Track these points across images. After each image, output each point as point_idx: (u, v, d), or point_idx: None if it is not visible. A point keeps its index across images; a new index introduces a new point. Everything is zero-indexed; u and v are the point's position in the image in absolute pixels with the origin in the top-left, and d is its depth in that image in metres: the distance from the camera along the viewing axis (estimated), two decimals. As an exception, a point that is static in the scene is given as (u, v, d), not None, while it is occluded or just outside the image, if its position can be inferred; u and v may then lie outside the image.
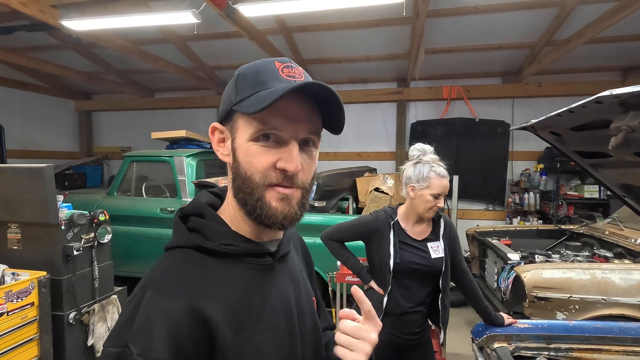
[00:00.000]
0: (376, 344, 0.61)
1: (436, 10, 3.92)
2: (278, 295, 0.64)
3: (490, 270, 3.53)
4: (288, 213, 0.59)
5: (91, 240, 2.30)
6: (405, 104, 5.65)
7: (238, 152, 0.60)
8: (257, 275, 0.62)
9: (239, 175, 0.59)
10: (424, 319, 1.68)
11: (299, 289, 0.70)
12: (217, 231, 0.62)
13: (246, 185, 0.59)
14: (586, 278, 2.45)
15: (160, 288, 0.54)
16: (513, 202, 5.16)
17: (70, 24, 3.23)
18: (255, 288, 0.61)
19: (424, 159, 1.60)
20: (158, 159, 4.13)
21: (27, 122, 6.20)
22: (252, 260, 0.63)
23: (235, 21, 3.21)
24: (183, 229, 0.62)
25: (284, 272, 0.68)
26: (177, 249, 0.61)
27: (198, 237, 0.60)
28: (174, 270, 0.57)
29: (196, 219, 0.63)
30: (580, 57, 4.62)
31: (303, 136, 0.59)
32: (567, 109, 1.09)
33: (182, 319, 0.51)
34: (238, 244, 0.61)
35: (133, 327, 0.51)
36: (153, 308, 0.52)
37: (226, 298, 0.57)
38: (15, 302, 1.88)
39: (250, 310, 0.59)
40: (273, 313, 0.62)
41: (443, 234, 1.69)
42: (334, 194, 4.20)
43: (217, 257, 0.60)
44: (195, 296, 0.54)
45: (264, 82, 0.57)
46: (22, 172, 2.07)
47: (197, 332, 0.52)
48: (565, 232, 3.82)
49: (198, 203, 0.67)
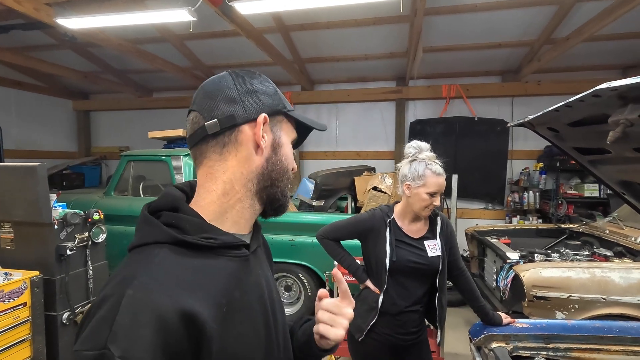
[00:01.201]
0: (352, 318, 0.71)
1: (434, 8, 3.90)
2: (254, 286, 0.67)
3: (489, 269, 3.50)
4: None
5: (85, 239, 2.28)
6: (404, 102, 5.63)
7: (282, 149, 0.70)
8: (235, 266, 0.63)
9: (279, 166, 0.69)
10: (420, 318, 1.66)
11: (268, 279, 0.73)
12: (195, 224, 0.61)
13: (286, 177, 0.70)
14: (586, 277, 2.43)
15: (143, 286, 0.52)
16: (512, 201, 5.13)
17: (65, 22, 3.21)
18: (235, 279, 0.62)
19: (419, 156, 1.58)
20: (155, 158, 4.10)
21: (24, 122, 6.18)
22: (230, 252, 0.63)
23: (232, 19, 3.18)
24: (158, 224, 0.60)
25: (256, 264, 0.70)
26: (152, 245, 0.59)
27: (176, 232, 0.59)
28: (155, 267, 0.55)
29: (170, 214, 0.62)
30: (580, 55, 4.60)
31: None
32: (565, 103, 1.06)
33: (170, 317, 0.50)
34: (217, 236, 0.61)
35: (113, 327, 0.48)
36: (137, 306, 0.50)
37: (210, 291, 0.57)
38: (7, 303, 1.85)
39: (231, 301, 0.60)
40: (251, 303, 0.64)
41: (440, 232, 1.66)
42: (332, 193, 4.18)
43: (196, 250, 0.59)
44: (181, 293, 0.53)
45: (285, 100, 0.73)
46: (14, 171, 2.04)
47: (184, 329, 0.51)
48: (565, 231, 3.79)
49: (171, 197, 0.65)
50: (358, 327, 1.63)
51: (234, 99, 0.65)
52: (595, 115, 1.06)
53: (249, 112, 0.65)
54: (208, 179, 0.65)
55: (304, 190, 4.26)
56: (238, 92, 0.65)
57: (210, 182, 0.65)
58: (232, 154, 0.65)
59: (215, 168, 0.65)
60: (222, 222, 0.65)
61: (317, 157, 6.02)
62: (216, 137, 0.64)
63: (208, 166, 0.66)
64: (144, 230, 0.61)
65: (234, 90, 0.65)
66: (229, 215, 0.65)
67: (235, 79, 0.67)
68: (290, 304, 3.73)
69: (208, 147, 0.65)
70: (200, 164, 0.66)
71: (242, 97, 0.65)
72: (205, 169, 0.66)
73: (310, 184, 4.15)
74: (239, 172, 0.65)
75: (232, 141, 0.65)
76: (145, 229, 0.61)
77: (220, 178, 0.65)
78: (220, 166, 0.65)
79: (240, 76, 0.67)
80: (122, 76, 6.16)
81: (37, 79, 6.27)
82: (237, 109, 0.64)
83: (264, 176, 0.67)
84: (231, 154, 0.65)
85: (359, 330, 1.62)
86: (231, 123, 0.64)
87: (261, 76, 0.71)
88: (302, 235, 3.52)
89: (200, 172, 0.67)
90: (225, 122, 0.64)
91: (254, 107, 0.66)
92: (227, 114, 0.64)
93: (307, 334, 0.79)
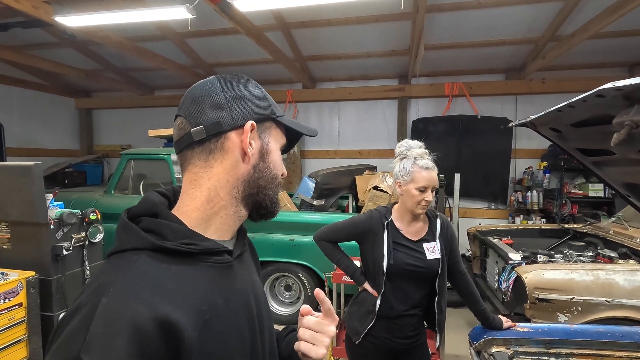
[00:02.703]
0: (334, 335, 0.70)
1: (437, 5, 3.84)
2: (239, 293, 0.65)
3: (491, 270, 3.46)
4: None
5: (82, 239, 2.27)
6: (406, 101, 5.58)
7: (271, 155, 0.69)
8: (217, 273, 0.62)
9: (267, 173, 0.68)
10: (419, 322, 1.63)
11: (255, 286, 0.72)
12: (175, 230, 0.59)
13: (274, 184, 0.69)
14: (589, 279, 2.39)
15: (119, 294, 0.51)
16: (516, 201, 5.08)
17: (64, 20, 3.19)
18: (218, 286, 0.61)
19: (409, 154, 1.57)
20: (155, 156, 4.09)
21: (26, 120, 6.19)
22: (212, 258, 0.62)
23: (231, 16, 3.15)
24: (136, 230, 0.58)
25: (242, 270, 0.69)
26: (131, 251, 0.57)
27: (155, 238, 0.57)
28: (132, 275, 0.54)
29: (150, 219, 0.60)
30: (586, 52, 4.53)
31: None
32: (567, 103, 1.02)
33: (146, 326, 0.48)
34: (198, 242, 0.60)
35: (87, 337, 0.46)
36: (111, 315, 0.48)
37: (190, 299, 0.56)
38: (2, 303, 1.84)
39: (214, 308, 0.58)
40: (235, 310, 0.63)
41: (440, 235, 1.63)
42: (332, 192, 4.15)
43: (176, 257, 0.58)
44: (159, 301, 0.52)
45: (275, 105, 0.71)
46: (10, 171, 2.03)
47: (162, 338, 0.50)
48: (569, 232, 3.74)
49: (151, 202, 0.63)
50: (355, 330, 1.61)
51: (221, 105, 0.63)
52: (599, 115, 1.02)
53: (235, 118, 0.64)
54: (192, 185, 0.64)
55: (305, 190, 4.23)
56: (225, 97, 0.64)
57: (194, 188, 0.64)
58: (218, 161, 0.64)
59: (199, 175, 0.64)
60: (205, 228, 0.63)
61: (318, 156, 5.99)
62: (202, 144, 0.63)
63: (193, 172, 0.64)
64: (122, 236, 0.59)
65: (221, 96, 0.64)
66: (213, 222, 0.64)
67: (223, 84, 0.65)
68: (290, 304, 3.71)
69: (193, 154, 0.64)
70: (185, 170, 0.65)
71: (229, 103, 0.64)
72: (189, 175, 0.65)
73: (310, 183, 4.12)
74: (224, 179, 0.64)
75: (218, 148, 0.63)
76: (123, 235, 0.59)
77: (205, 185, 0.64)
78: (205, 173, 0.64)
79: (228, 81, 0.66)
80: (123, 74, 6.15)
81: (39, 77, 6.27)
82: (224, 115, 0.63)
83: (250, 183, 0.66)
84: (217, 161, 0.64)
85: (357, 333, 1.60)
86: (217, 130, 0.63)
87: (250, 81, 0.69)
88: (302, 235, 3.49)
89: (185, 178, 0.65)
90: (212, 129, 0.62)
91: (241, 114, 0.64)
92: (214, 121, 0.62)
93: (289, 348, 0.77)
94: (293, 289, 3.71)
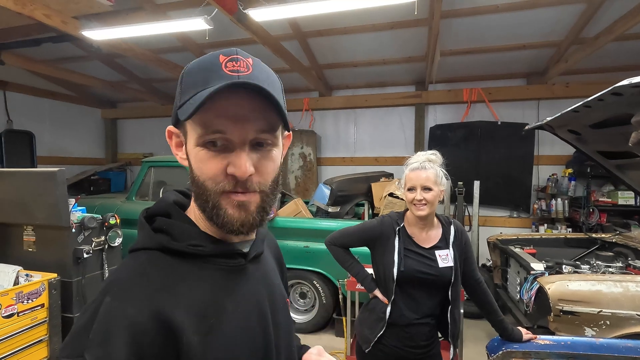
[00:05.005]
0: None
1: (453, 10, 3.81)
2: (251, 297, 0.62)
3: (512, 280, 3.33)
4: (245, 220, 0.56)
5: (102, 243, 2.34)
6: (423, 107, 5.51)
7: (190, 158, 0.58)
8: (227, 276, 0.60)
9: (194, 181, 0.57)
10: (431, 331, 1.57)
11: (272, 290, 0.68)
12: (184, 231, 0.59)
13: (201, 191, 0.56)
14: (618, 291, 2.26)
15: (120, 293, 0.51)
16: (539, 209, 4.89)
17: (89, 34, 3.35)
18: (226, 290, 0.59)
19: (408, 161, 1.60)
20: (174, 164, 4.19)
21: (56, 129, 6.49)
22: (222, 261, 0.60)
23: (247, 26, 3.23)
24: (148, 229, 0.59)
25: (257, 273, 0.65)
26: (142, 250, 0.58)
27: (164, 238, 0.57)
28: (135, 274, 0.54)
29: (163, 219, 0.60)
30: (612, 55, 4.36)
31: (253, 136, 0.55)
32: (583, 103, 0.98)
33: (144, 325, 0.49)
34: (207, 244, 0.58)
35: (90, 335, 0.48)
36: (112, 314, 0.49)
37: (194, 301, 0.54)
38: (25, 304, 1.91)
39: (220, 313, 0.56)
40: (246, 315, 0.60)
41: (453, 242, 1.58)
42: (348, 199, 4.12)
43: (184, 258, 0.57)
44: (159, 301, 0.51)
45: (206, 80, 0.53)
46: (36, 176, 2.13)
47: (160, 339, 0.49)
48: (596, 241, 3.56)
49: (165, 202, 0.64)
50: (365, 338, 1.57)
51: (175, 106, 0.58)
52: (618, 115, 0.97)
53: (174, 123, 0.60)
54: None
55: (320, 196, 4.22)
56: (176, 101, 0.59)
57: None
58: None
59: None
60: (209, 229, 0.61)
61: (334, 163, 5.98)
62: None
63: None
64: (138, 235, 0.60)
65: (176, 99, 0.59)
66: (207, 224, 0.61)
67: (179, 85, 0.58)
68: (305, 312, 3.69)
69: None
70: None
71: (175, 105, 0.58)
72: None
73: (326, 189, 4.11)
74: None
75: None
76: (139, 234, 0.60)
77: None
78: None
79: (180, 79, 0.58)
80: (146, 85, 6.37)
81: (69, 89, 6.59)
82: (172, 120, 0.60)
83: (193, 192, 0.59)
84: None
85: (367, 341, 1.56)
86: None
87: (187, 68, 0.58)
88: (317, 242, 3.48)
89: None
90: None
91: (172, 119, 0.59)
92: None
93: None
94: (308, 297, 3.69)
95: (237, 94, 0.52)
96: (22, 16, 3.09)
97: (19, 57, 4.78)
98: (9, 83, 5.65)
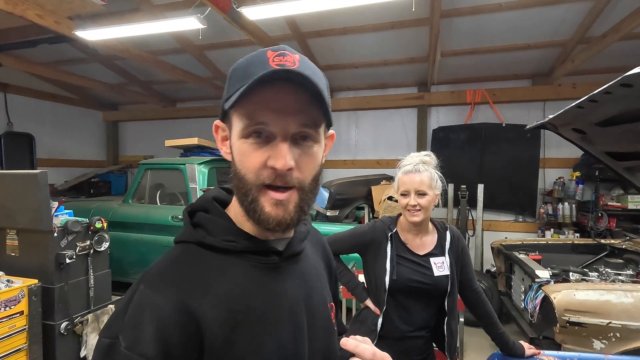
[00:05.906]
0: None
1: (454, 9, 3.70)
2: (284, 296, 0.61)
3: (517, 288, 3.20)
4: (282, 219, 0.56)
5: (87, 247, 2.26)
6: (426, 109, 5.40)
7: (233, 151, 0.59)
8: (260, 274, 0.60)
9: (235, 174, 0.58)
10: (426, 344, 1.47)
11: (310, 291, 0.67)
12: (220, 227, 0.60)
13: (242, 184, 0.57)
14: (629, 302, 2.13)
15: (153, 282, 0.54)
16: (545, 213, 4.74)
17: (83, 34, 3.31)
18: (258, 287, 0.59)
19: (401, 164, 1.53)
20: (171, 166, 4.14)
21: (57, 132, 6.47)
22: (256, 258, 0.60)
23: (242, 25, 3.15)
24: (187, 224, 0.62)
25: (293, 273, 0.65)
26: (182, 243, 0.61)
27: (201, 233, 0.60)
28: (170, 265, 0.57)
29: (202, 214, 0.63)
30: (620, 54, 4.21)
31: (295, 130, 0.55)
32: (588, 97, 0.88)
33: (170, 314, 0.50)
34: (239, 240, 0.60)
35: (125, 319, 0.50)
36: (144, 301, 0.51)
37: (223, 295, 0.55)
38: (2, 311, 1.84)
39: (249, 309, 0.56)
40: (277, 314, 0.59)
41: (449, 249, 1.48)
42: (347, 202, 4.02)
43: (218, 253, 0.59)
44: (187, 292, 0.53)
45: (251, 73, 0.54)
46: (17, 179, 2.06)
47: (185, 329, 0.51)
48: (605, 247, 3.42)
49: (205, 198, 0.66)
50: (355, 353, 1.47)
51: None
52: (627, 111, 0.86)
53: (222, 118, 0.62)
54: None
55: (319, 200, 4.12)
56: None
57: None
58: None
59: None
60: (244, 226, 0.61)
61: (335, 166, 5.88)
62: None
63: None
64: (182, 228, 0.63)
65: None
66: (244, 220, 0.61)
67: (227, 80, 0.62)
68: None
69: None
70: None
71: None
72: None
73: (324, 192, 4.02)
74: None
75: None
76: (183, 228, 0.63)
77: None
78: None
79: None
80: (147, 87, 6.35)
81: (70, 91, 6.58)
82: None
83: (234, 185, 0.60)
84: None
85: (357, 356, 1.46)
86: None
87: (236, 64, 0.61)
88: (313, 247, 3.37)
89: None
90: None
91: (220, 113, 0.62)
92: None
93: None
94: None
95: (281, 87, 0.53)
96: (16, 17, 3.06)
97: (17, 59, 4.76)
98: (9, 85, 5.65)
